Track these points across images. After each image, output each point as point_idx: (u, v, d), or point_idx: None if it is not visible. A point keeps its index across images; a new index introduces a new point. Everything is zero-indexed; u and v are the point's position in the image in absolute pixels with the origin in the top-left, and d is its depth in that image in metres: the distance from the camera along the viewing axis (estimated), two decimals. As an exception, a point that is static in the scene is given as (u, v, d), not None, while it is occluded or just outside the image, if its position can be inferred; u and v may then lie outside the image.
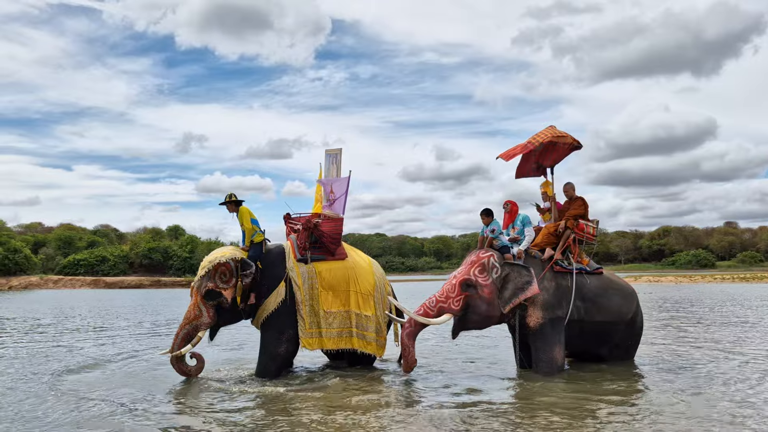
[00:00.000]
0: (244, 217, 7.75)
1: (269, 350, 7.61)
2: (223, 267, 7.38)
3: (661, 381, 7.18)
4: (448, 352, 9.73)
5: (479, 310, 7.32)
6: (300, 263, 7.74)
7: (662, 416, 5.56)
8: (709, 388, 6.70)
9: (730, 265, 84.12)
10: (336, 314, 7.70)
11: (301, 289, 7.61)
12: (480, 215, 7.84)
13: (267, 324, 7.58)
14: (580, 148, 8.28)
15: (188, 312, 7.42)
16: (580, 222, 7.96)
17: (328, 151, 8.83)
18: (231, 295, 7.40)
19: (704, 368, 8.00)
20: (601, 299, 7.83)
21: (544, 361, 7.40)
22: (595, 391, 6.62)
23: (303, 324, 7.58)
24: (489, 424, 5.41)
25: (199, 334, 7.35)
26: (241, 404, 6.29)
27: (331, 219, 7.96)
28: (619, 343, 8.23)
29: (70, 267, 62.40)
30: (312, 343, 7.62)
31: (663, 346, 10.24)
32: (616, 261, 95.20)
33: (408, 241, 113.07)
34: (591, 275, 7.92)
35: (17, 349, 11.00)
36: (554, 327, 7.44)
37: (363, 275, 8.04)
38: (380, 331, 7.98)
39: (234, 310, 7.53)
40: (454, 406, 6.10)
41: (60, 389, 7.12)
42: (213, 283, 7.35)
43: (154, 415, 5.90)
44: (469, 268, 7.41)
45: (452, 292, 7.31)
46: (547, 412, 5.76)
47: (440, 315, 7.27)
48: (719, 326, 13.51)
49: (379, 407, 6.06)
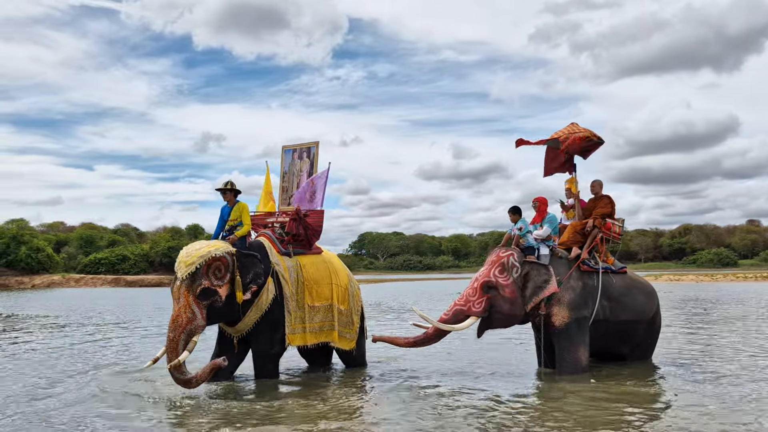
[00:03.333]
0: (245, 213, 7.32)
1: (264, 352, 7.28)
2: (218, 262, 6.64)
3: (684, 383, 7.13)
4: (445, 355, 9.67)
5: (503, 309, 7.29)
6: (284, 257, 7.46)
7: (688, 420, 5.51)
8: (736, 393, 6.59)
9: (753, 264, 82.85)
10: (320, 308, 7.52)
11: (288, 283, 7.30)
12: (508, 213, 7.82)
13: (260, 324, 7.10)
14: (603, 142, 8.18)
15: (177, 317, 6.45)
16: (607, 221, 7.90)
17: (289, 146, 8.62)
18: (226, 292, 6.71)
19: (729, 370, 7.91)
20: (625, 298, 7.80)
21: (568, 361, 7.35)
22: (618, 393, 6.57)
23: (290, 319, 7.27)
24: (514, 426, 5.39)
25: (194, 338, 6.52)
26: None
27: (314, 212, 7.80)
28: (640, 342, 8.20)
29: (91, 266, 63.17)
30: (296, 338, 7.34)
31: (683, 345, 10.14)
32: (636, 259, 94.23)
33: (426, 240, 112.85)
34: (616, 275, 7.88)
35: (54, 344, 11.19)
36: (580, 327, 7.40)
37: (339, 269, 7.96)
38: (350, 324, 7.91)
39: (227, 309, 6.81)
40: (472, 408, 6.10)
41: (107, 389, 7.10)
42: (208, 281, 6.58)
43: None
44: (489, 269, 7.38)
45: (473, 295, 7.28)
46: (569, 415, 5.72)
47: (460, 319, 7.24)
48: (741, 325, 13.34)
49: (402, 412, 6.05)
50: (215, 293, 6.63)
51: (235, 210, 7.30)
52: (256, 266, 6.85)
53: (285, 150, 8.67)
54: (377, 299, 26.43)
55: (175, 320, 6.45)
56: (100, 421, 5.64)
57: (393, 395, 6.64)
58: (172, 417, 5.80)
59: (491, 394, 6.66)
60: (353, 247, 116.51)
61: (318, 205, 7.88)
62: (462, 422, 5.47)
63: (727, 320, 14.81)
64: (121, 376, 7.87)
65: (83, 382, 7.56)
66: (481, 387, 7.05)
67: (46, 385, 7.39)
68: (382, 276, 78.01)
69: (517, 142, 8.27)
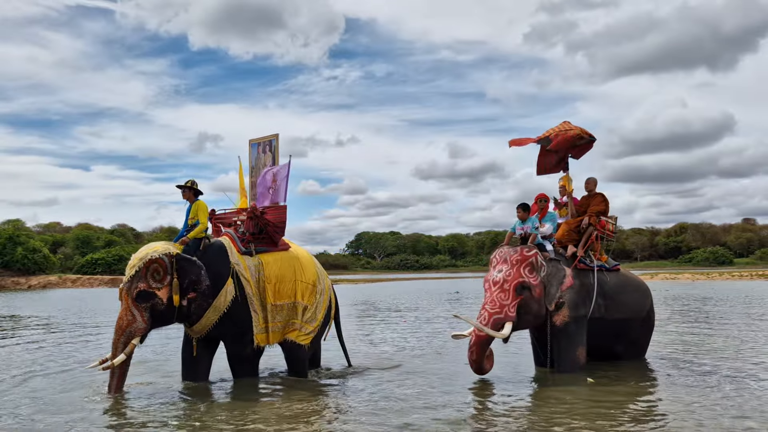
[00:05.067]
0: (203, 212, 7.16)
1: (236, 354, 7.16)
2: (155, 264, 6.59)
3: (683, 381, 7.17)
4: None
5: (532, 309, 7.18)
6: (245, 256, 7.23)
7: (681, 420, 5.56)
8: (732, 392, 6.62)
9: (749, 262, 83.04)
10: (283, 306, 7.26)
11: (250, 282, 7.09)
12: (516, 209, 7.70)
13: (222, 327, 6.95)
14: (594, 140, 8.15)
15: (120, 319, 6.57)
16: (601, 219, 7.92)
17: (255, 140, 8.35)
18: (166, 295, 6.63)
19: (724, 368, 7.97)
20: (620, 296, 7.83)
21: (567, 360, 7.36)
22: (617, 392, 6.62)
23: (256, 318, 7.09)
24: (511, 426, 5.43)
25: (133, 341, 6.54)
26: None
27: (275, 207, 7.52)
28: (635, 339, 8.25)
29: (88, 266, 63.00)
30: (261, 338, 7.17)
31: (677, 343, 10.22)
32: (633, 258, 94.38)
33: (422, 240, 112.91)
34: (610, 272, 7.91)
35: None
36: (578, 326, 7.39)
37: (307, 266, 7.68)
38: (312, 321, 7.59)
39: (169, 312, 6.72)
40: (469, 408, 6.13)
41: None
42: (145, 283, 6.56)
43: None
44: (518, 268, 7.15)
45: (506, 299, 7.04)
46: (567, 415, 5.74)
47: (499, 328, 6.97)
48: (735, 323, 13.43)
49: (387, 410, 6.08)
50: (154, 296, 6.58)
51: (193, 209, 7.20)
52: (194, 272, 6.70)
53: (252, 144, 8.39)
54: (371, 299, 26.48)
55: (118, 323, 6.59)
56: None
57: (379, 396, 6.50)
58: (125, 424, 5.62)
59: (486, 394, 6.64)
60: (350, 246, 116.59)
61: (280, 201, 7.60)
62: (462, 422, 5.48)
63: (722, 317, 14.90)
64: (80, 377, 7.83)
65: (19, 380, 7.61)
66: (475, 388, 6.98)
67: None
68: (379, 276, 78.03)
69: (510, 143, 8.28)
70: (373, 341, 11.23)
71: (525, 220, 7.59)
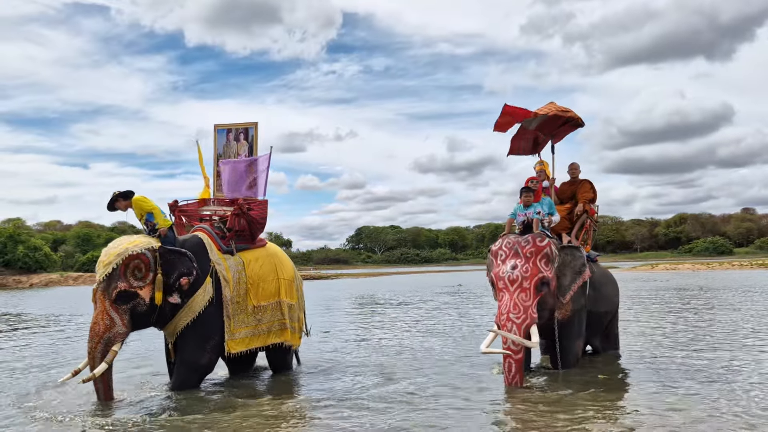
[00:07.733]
0: (142, 202, 6.29)
1: (191, 361, 6.36)
2: (136, 260, 5.93)
3: (681, 380, 7.06)
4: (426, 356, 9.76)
5: (548, 305, 6.60)
6: (227, 255, 6.66)
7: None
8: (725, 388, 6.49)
9: (748, 252, 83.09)
10: (266, 307, 6.79)
11: (230, 284, 6.50)
12: (520, 193, 7.04)
13: (190, 329, 6.25)
14: (582, 125, 7.78)
15: (95, 324, 5.82)
16: (591, 207, 7.62)
17: (222, 125, 7.71)
18: (149, 294, 5.97)
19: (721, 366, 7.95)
20: (603, 288, 7.51)
21: (568, 354, 6.93)
22: (615, 391, 6.56)
23: (229, 324, 6.47)
24: (512, 422, 5.42)
25: (114, 348, 5.83)
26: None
27: (257, 203, 7.06)
28: (609, 333, 8.05)
29: (89, 264, 62.86)
30: (237, 344, 6.53)
31: (661, 337, 10.26)
32: (633, 249, 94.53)
33: (422, 233, 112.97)
34: (594, 263, 7.50)
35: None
36: (580, 318, 7.01)
37: (285, 262, 7.27)
38: (300, 319, 7.32)
39: (150, 313, 6.07)
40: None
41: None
42: (125, 283, 5.88)
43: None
44: (535, 261, 6.46)
45: (527, 299, 6.32)
46: (565, 415, 5.70)
47: (529, 335, 6.29)
48: (735, 313, 13.47)
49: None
50: (135, 296, 5.93)
51: (136, 210, 6.37)
52: (185, 264, 6.13)
53: (218, 130, 7.70)
54: (375, 292, 26.51)
55: (93, 328, 5.85)
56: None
57: (368, 396, 6.16)
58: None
59: (487, 393, 6.19)
60: (350, 241, 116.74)
61: (260, 195, 7.15)
62: (461, 424, 5.44)
63: (719, 308, 14.94)
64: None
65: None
66: (470, 386, 6.50)
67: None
68: (379, 270, 77.96)
69: (495, 128, 7.39)
70: (366, 337, 11.06)
71: (528, 206, 6.95)
